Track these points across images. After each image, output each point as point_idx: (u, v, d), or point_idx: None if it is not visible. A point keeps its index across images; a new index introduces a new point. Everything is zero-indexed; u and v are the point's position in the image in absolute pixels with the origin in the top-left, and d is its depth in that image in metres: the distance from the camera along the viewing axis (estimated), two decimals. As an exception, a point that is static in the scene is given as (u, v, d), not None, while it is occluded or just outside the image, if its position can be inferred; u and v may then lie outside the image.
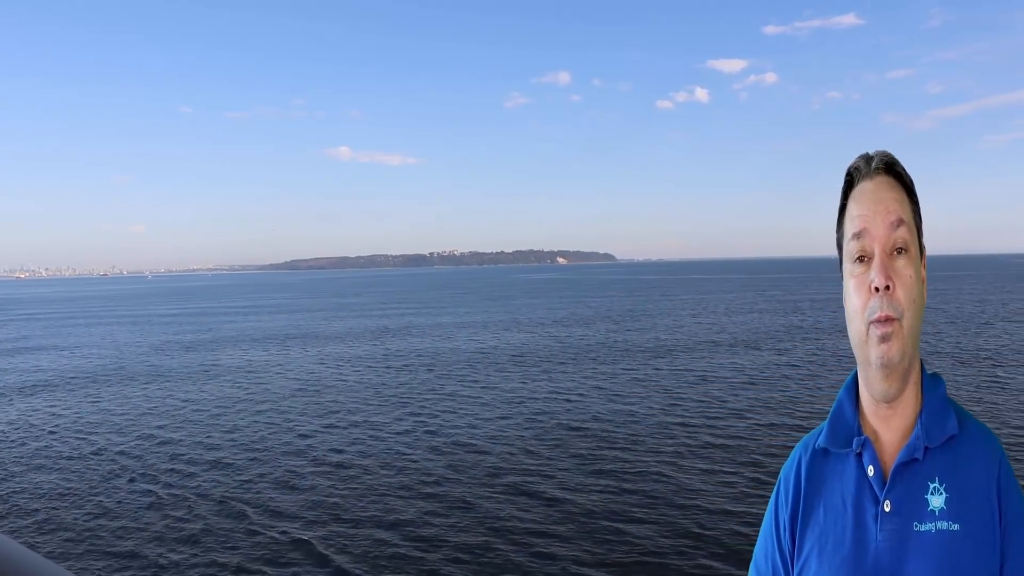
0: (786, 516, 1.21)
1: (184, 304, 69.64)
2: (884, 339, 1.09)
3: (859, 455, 1.16)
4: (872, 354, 1.11)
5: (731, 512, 8.76)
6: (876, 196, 1.14)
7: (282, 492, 10.18)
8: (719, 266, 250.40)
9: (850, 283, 1.16)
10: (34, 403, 17.70)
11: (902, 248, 1.12)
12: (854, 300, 1.14)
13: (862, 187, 1.17)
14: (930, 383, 1.18)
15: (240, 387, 19.23)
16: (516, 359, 23.25)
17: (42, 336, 37.48)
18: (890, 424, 1.16)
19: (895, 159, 1.18)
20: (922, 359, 1.19)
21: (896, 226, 1.12)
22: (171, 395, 18.27)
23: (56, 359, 26.92)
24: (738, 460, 10.87)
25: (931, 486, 1.10)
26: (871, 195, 1.15)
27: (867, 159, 1.18)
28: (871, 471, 1.14)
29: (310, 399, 17.20)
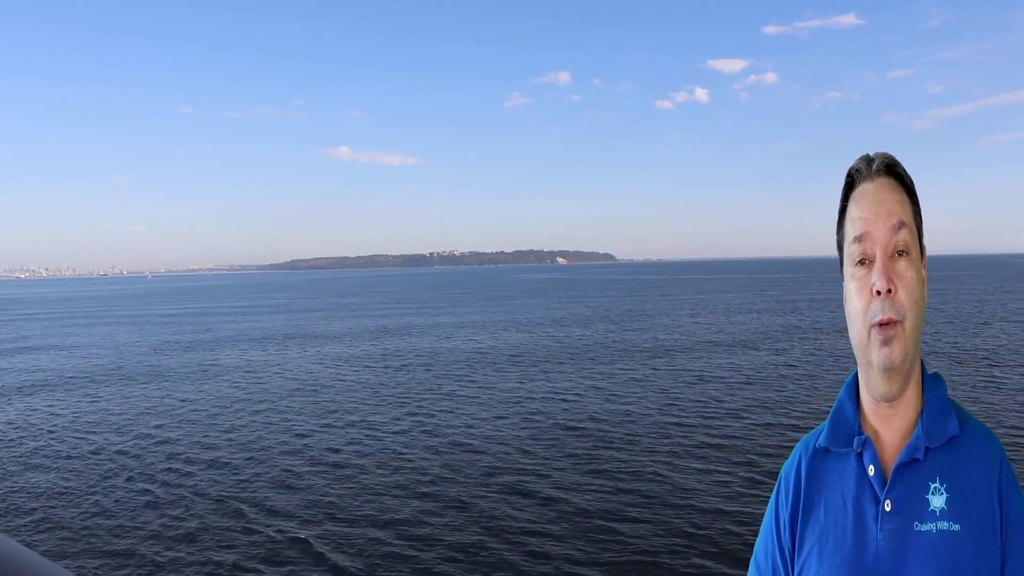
0: (786, 515, 1.22)
1: (184, 304, 69.68)
2: (886, 343, 1.10)
3: (860, 454, 1.17)
4: (874, 357, 1.12)
5: (725, 511, 8.81)
6: (877, 198, 1.15)
7: (279, 491, 10.22)
8: (719, 266, 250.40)
9: (851, 285, 1.16)
10: (33, 403, 17.75)
11: (903, 251, 1.13)
12: (856, 302, 1.15)
13: (863, 189, 1.17)
14: (931, 383, 1.19)
15: (238, 387, 19.28)
16: (514, 359, 23.29)
17: (42, 336, 37.52)
18: (891, 424, 1.17)
19: (896, 160, 1.18)
20: (922, 359, 1.20)
21: (897, 229, 1.13)
22: (169, 395, 18.32)
23: (55, 359, 26.97)
24: (733, 460, 10.92)
25: (932, 486, 1.11)
26: (872, 197, 1.15)
27: (868, 161, 1.18)
28: (872, 470, 1.15)
29: (308, 399, 17.24)
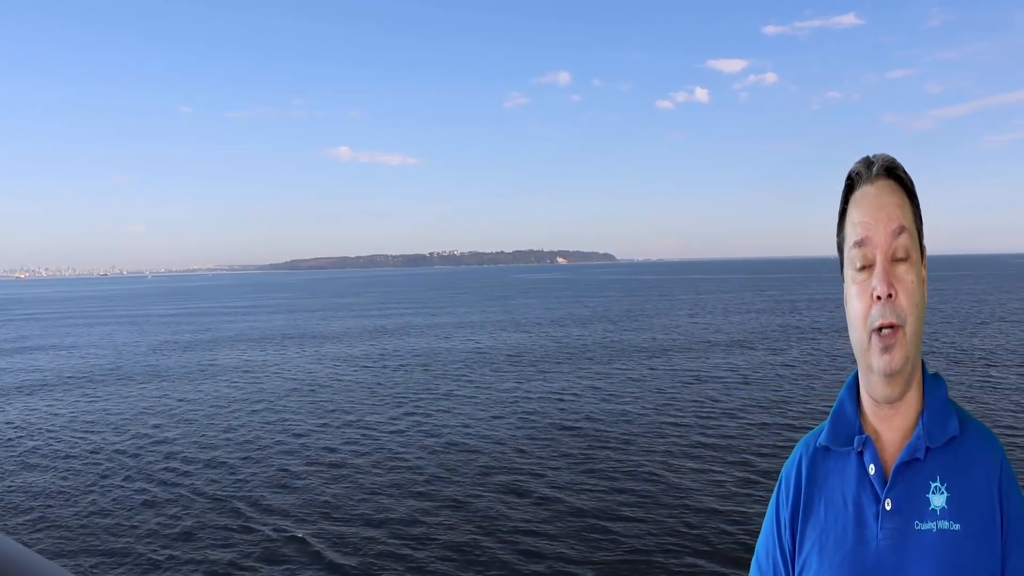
0: (787, 514, 1.22)
1: (183, 304, 69.68)
2: (887, 350, 1.11)
3: (860, 454, 1.17)
4: (875, 363, 1.12)
5: (719, 511, 8.84)
6: (878, 202, 1.14)
7: (276, 490, 10.26)
8: (719, 266, 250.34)
9: (852, 289, 1.16)
10: (32, 402, 17.78)
11: (903, 255, 1.13)
12: (856, 306, 1.14)
13: (863, 191, 1.17)
14: (932, 383, 1.19)
15: (236, 387, 19.31)
16: (512, 359, 23.32)
17: (41, 336, 37.55)
18: (891, 424, 1.17)
19: (896, 162, 1.17)
20: (923, 359, 1.20)
21: (898, 234, 1.13)
22: (168, 395, 18.35)
23: (55, 359, 27.01)
24: (728, 459, 10.95)
25: (932, 485, 1.11)
26: (873, 200, 1.15)
27: (868, 163, 1.18)
28: (872, 470, 1.15)
29: (306, 399, 17.28)
